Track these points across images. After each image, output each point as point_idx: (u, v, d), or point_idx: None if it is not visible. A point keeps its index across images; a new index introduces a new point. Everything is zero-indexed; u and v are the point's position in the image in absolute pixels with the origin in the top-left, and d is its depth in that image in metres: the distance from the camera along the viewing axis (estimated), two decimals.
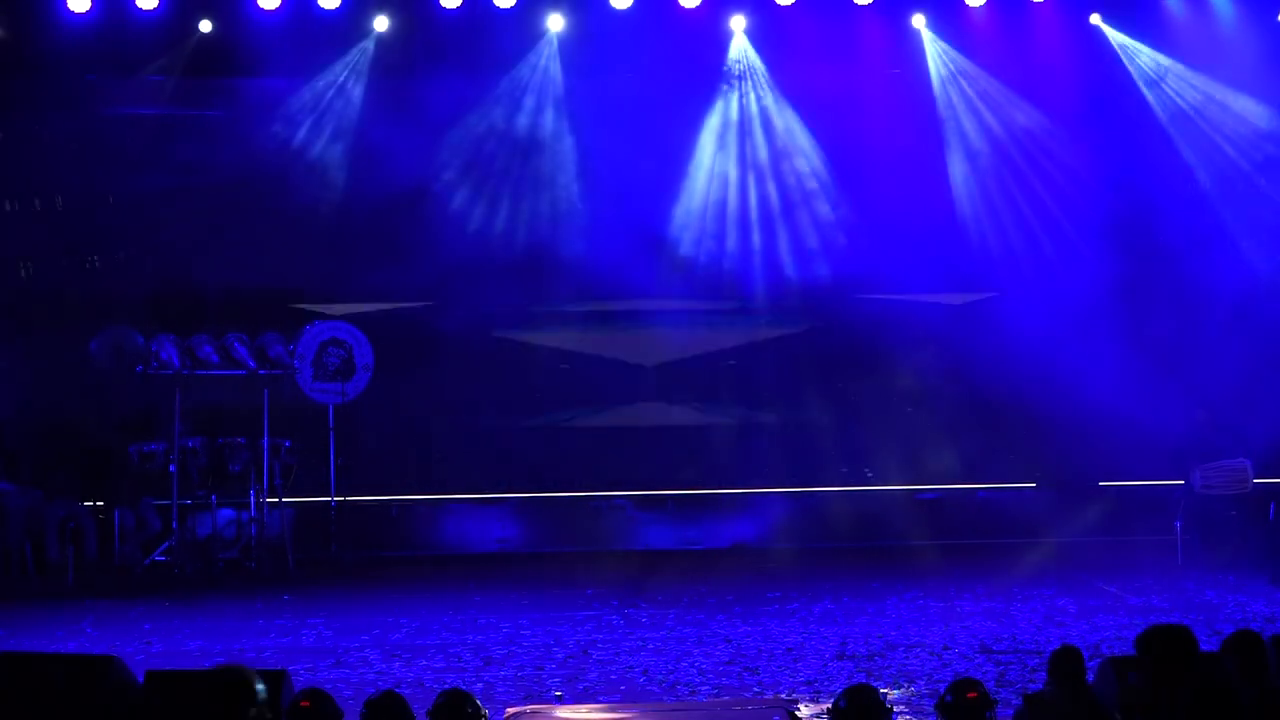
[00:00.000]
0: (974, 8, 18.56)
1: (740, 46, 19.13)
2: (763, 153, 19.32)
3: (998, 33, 18.81)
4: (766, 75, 19.21)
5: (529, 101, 19.01)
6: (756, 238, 19.27)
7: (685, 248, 19.13)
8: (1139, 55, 19.03)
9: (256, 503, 16.99)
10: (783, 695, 10.97)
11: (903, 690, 11.04)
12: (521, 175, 19.07)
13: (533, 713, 10.56)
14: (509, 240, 18.96)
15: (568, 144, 19.01)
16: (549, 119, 19.02)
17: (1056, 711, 7.02)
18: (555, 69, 18.93)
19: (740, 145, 19.33)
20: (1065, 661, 8.08)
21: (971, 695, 7.35)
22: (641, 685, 11.54)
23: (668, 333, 18.97)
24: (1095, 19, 18.96)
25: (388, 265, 18.29)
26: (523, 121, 19.00)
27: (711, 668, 11.97)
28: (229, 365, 17.30)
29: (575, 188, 18.97)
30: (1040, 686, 8.10)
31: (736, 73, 19.20)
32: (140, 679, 9.13)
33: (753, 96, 19.27)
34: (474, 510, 18.75)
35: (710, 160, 19.26)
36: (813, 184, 19.21)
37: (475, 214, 18.89)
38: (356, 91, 18.82)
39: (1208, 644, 11.90)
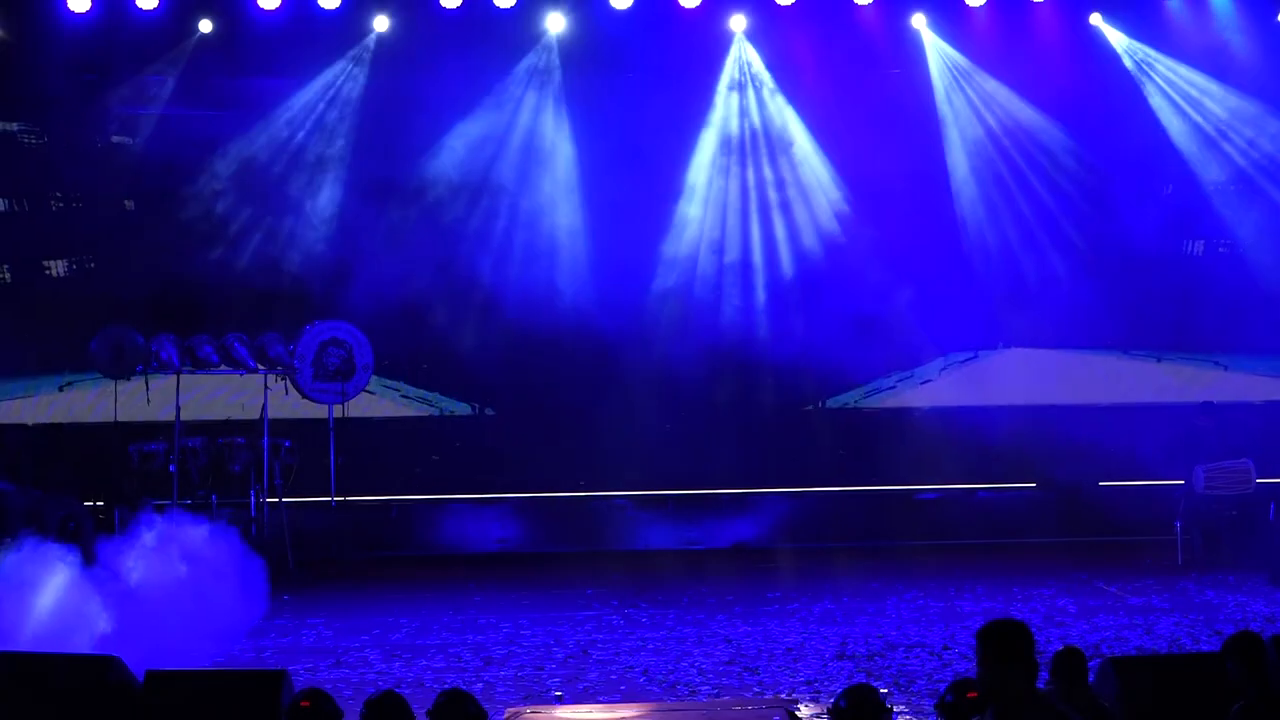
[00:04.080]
0: (974, 8, 18.57)
1: (740, 47, 19.14)
2: (763, 153, 19.32)
3: (998, 33, 18.81)
4: (766, 75, 19.21)
5: (529, 102, 19.02)
6: (756, 239, 19.28)
7: (684, 249, 19.15)
8: (1139, 55, 19.03)
9: (256, 503, 16.98)
10: (783, 695, 10.97)
11: (903, 690, 11.04)
12: (522, 173, 19.06)
13: (533, 713, 10.57)
14: (507, 239, 18.96)
15: (566, 144, 19.01)
16: (548, 120, 19.02)
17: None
18: (555, 69, 18.94)
19: (740, 146, 19.33)
20: (1066, 661, 8.09)
21: (971, 695, 7.34)
22: (641, 685, 11.54)
23: (670, 331, 18.98)
24: (1095, 19, 18.95)
25: (389, 265, 18.28)
26: (522, 122, 19.01)
27: (711, 668, 11.97)
28: (229, 365, 17.30)
29: (574, 186, 18.98)
30: (1041, 686, 8.09)
31: (736, 74, 19.23)
32: (140, 679, 9.13)
33: (752, 97, 19.27)
34: (474, 510, 18.74)
35: (710, 160, 19.26)
36: (812, 183, 19.21)
37: (475, 213, 18.89)
38: (356, 91, 18.83)
39: (1208, 644, 11.96)
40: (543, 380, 18.93)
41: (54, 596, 11.32)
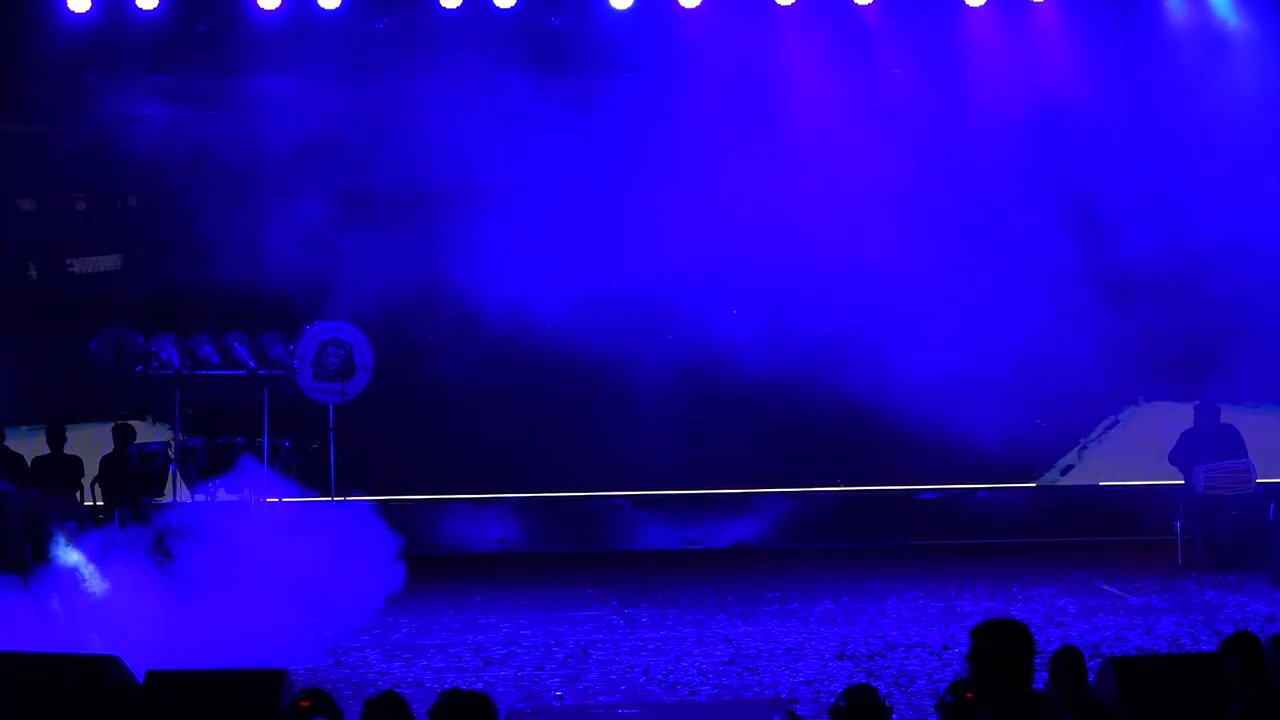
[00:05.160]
0: (974, 8, 18.56)
1: (739, 47, 19.13)
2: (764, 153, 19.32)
3: (998, 33, 18.81)
4: (767, 76, 19.21)
5: (527, 103, 19.02)
6: (756, 240, 19.27)
7: (684, 251, 19.14)
8: (1138, 55, 19.02)
9: None
10: (783, 695, 10.97)
11: (903, 690, 11.04)
12: (520, 176, 19.06)
13: (533, 713, 10.57)
14: (507, 240, 18.97)
15: (566, 145, 19.01)
16: (547, 121, 19.01)
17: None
18: (554, 70, 18.94)
19: (740, 143, 19.31)
20: (1066, 661, 8.09)
21: (971, 695, 7.34)
22: (641, 685, 11.54)
23: (672, 331, 19.01)
24: (1094, 19, 18.94)
25: (388, 266, 18.29)
26: (521, 124, 19.00)
27: (711, 668, 11.98)
28: (229, 365, 17.30)
29: (573, 187, 18.98)
30: (1041, 687, 8.10)
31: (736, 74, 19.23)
32: (140, 679, 9.13)
33: (752, 98, 19.27)
34: (474, 510, 18.74)
35: (710, 161, 19.25)
36: (814, 183, 19.20)
37: (475, 214, 18.89)
38: (356, 92, 18.82)
39: (1208, 644, 11.96)
40: (542, 381, 18.94)
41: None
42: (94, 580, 11.67)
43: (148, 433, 17.92)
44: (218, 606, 11.74)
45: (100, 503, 17.02)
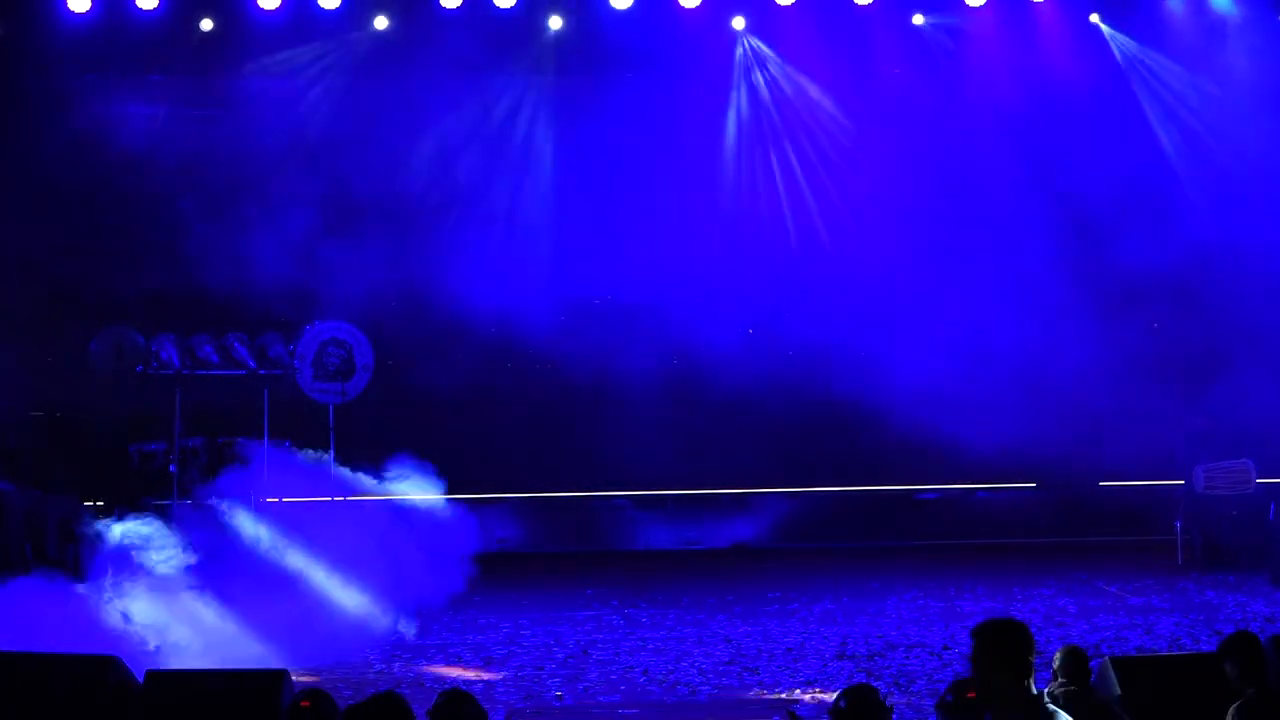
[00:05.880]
0: (974, 8, 18.56)
1: (740, 48, 19.13)
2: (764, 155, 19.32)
3: (997, 32, 18.81)
4: (765, 76, 19.20)
5: (527, 103, 19.02)
6: (755, 240, 19.27)
7: (683, 251, 19.14)
8: (1138, 55, 19.02)
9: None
10: (783, 695, 10.97)
11: (903, 690, 11.04)
12: (521, 175, 19.06)
13: (533, 713, 10.57)
14: (507, 240, 18.97)
15: (566, 146, 19.01)
16: (547, 121, 19.01)
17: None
18: (554, 70, 18.93)
19: (739, 147, 19.32)
20: (1067, 661, 8.10)
21: (971, 695, 7.33)
22: (641, 685, 11.54)
23: (671, 333, 19.00)
24: (1095, 19, 18.96)
25: (386, 265, 18.27)
26: (521, 124, 19.00)
27: (711, 668, 11.98)
28: (229, 365, 17.30)
29: (574, 187, 18.98)
30: (1041, 686, 8.10)
31: (737, 74, 19.24)
32: (140, 679, 9.13)
33: (747, 98, 19.27)
34: (474, 510, 18.72)
35: (709, 161, 19.25)
36: (812, 183, 19.21)
37: (474, 214, 18.89)
38: (356, 91, 18.81)
39: (1208, 644, 11.96)
40: (544, 380, 18.95)
41: None
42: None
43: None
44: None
45: (100, 503, 17.01)
